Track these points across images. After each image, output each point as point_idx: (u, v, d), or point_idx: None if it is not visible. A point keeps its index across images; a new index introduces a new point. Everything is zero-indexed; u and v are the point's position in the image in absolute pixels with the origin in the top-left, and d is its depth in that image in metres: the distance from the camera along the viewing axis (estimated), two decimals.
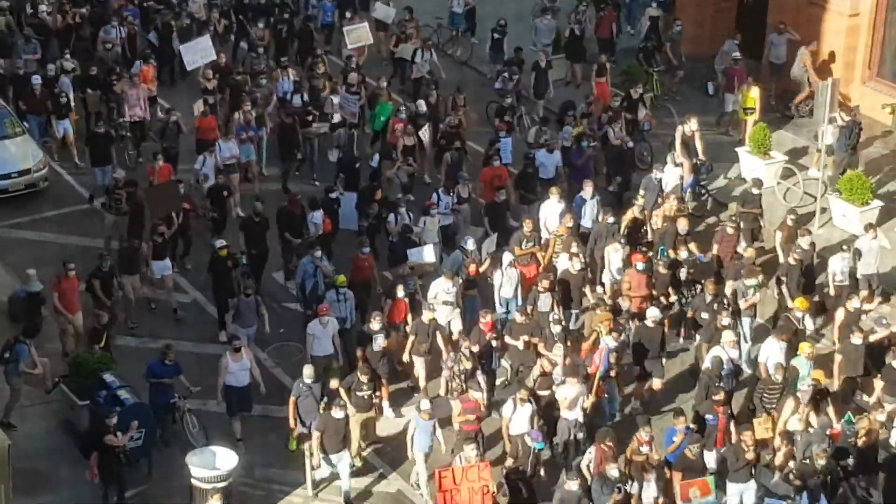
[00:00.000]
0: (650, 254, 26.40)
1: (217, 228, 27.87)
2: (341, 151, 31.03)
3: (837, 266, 26.09)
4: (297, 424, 22.41)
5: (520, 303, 25.35)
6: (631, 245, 26.83)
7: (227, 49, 35.62)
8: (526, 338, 23.74)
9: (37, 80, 31.44)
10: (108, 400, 22.08)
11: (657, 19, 35.99)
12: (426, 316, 24.01)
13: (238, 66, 34.29)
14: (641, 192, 28.34)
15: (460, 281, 25.25)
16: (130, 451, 21.59)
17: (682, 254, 26.07)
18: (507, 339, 24.04)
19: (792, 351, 23.64)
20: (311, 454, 21.79)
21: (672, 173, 29.03)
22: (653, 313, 24.16)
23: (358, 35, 35.03)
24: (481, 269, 25.94)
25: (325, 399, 22.21)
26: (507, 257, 25.96)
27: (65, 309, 24.45)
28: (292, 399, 22.33)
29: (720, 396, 22.17)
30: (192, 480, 20.91)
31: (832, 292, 26.06)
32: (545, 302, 24.82)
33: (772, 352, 23.60)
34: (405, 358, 24.23)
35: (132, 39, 35.23)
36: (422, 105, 31.51)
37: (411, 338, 24.14)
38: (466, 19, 38.08)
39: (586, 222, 27.81)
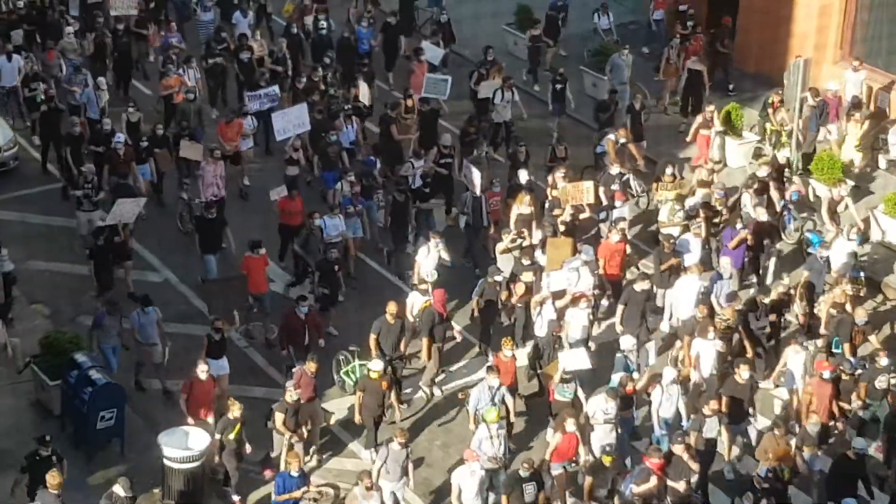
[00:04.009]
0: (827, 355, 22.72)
1: (327, 305, 24.56)
2: (471, 217, 26.87)
3: None
4: None
5: (685, 424, 21.64)
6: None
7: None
8: (684, 486, 20.19)
9: (119, 139, 27.48)
10: (80, 380, 21.42)
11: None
12: (606, 460, 20.46)
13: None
14: (805, 272, 24.84)
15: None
16: (102, 432, 21.31)
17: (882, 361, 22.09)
18: (670, 483, 20.25)
19: None
20: None
21: (842, 250, 25.40)
22: (859, 443, 20.50)
23: (437, 87, 31.00)
24: (638, 387, 22.27)
25: None
26: (669, 373, 21.99)
27: (198, 411, 21.66)
28: None
29: None
30: (164, 461, 20.45)
31: None
32: (712, 427, 21.15)
33: None
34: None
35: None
36: (523, 175, 27.40)
37: (588, 479, 20.80)
38: (530, 57, 34.19)
39: (722, 300, 24.13)
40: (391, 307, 22.79)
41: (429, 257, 24.78)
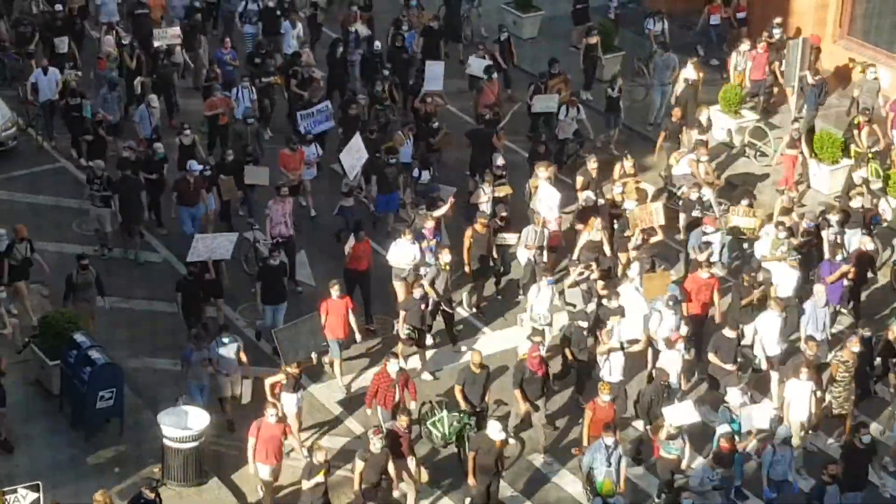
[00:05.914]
0: None
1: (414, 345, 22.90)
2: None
3: None
4: None
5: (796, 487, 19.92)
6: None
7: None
8: None
9: (195, 167, 25.65)
10: (79, 360, 21.24)
11: None
12: None
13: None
14: None
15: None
16: (101, 411, 21.27)
17: None
18: None
19: None
20: None
21: None
22: None
23: (547, 104, 29.45)
24: (739, 447, 20.30)
25: None
26: (782, 431, 19.95)
27: (263, 457, 20.20)
28: None
29: None
30: (164, 440, 20.33)
31: None
32: (832, 498, 19.26)
33: None
34: None
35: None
36: (590, 198, 25.44)
37: None
38: (584, 67, 32.14)
39: (815, 334, 22.18)
40: (475, 357, 21.04)
41: (539, 297, 22.81)
